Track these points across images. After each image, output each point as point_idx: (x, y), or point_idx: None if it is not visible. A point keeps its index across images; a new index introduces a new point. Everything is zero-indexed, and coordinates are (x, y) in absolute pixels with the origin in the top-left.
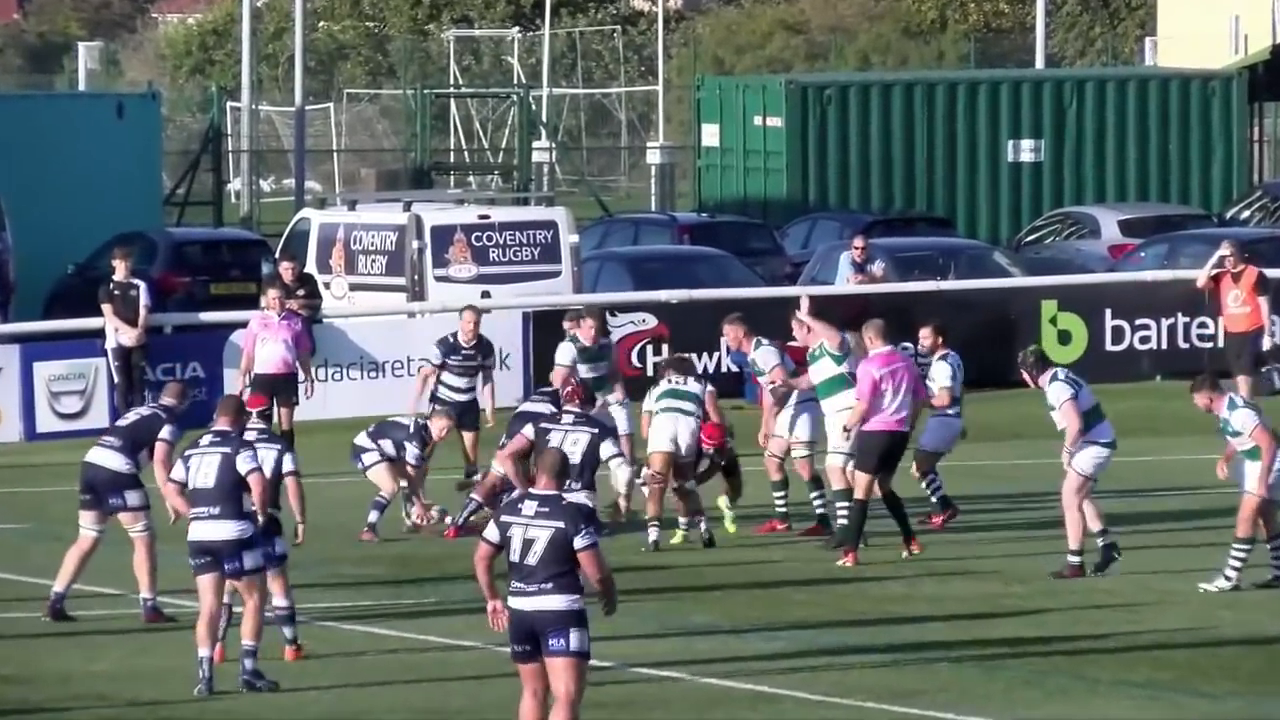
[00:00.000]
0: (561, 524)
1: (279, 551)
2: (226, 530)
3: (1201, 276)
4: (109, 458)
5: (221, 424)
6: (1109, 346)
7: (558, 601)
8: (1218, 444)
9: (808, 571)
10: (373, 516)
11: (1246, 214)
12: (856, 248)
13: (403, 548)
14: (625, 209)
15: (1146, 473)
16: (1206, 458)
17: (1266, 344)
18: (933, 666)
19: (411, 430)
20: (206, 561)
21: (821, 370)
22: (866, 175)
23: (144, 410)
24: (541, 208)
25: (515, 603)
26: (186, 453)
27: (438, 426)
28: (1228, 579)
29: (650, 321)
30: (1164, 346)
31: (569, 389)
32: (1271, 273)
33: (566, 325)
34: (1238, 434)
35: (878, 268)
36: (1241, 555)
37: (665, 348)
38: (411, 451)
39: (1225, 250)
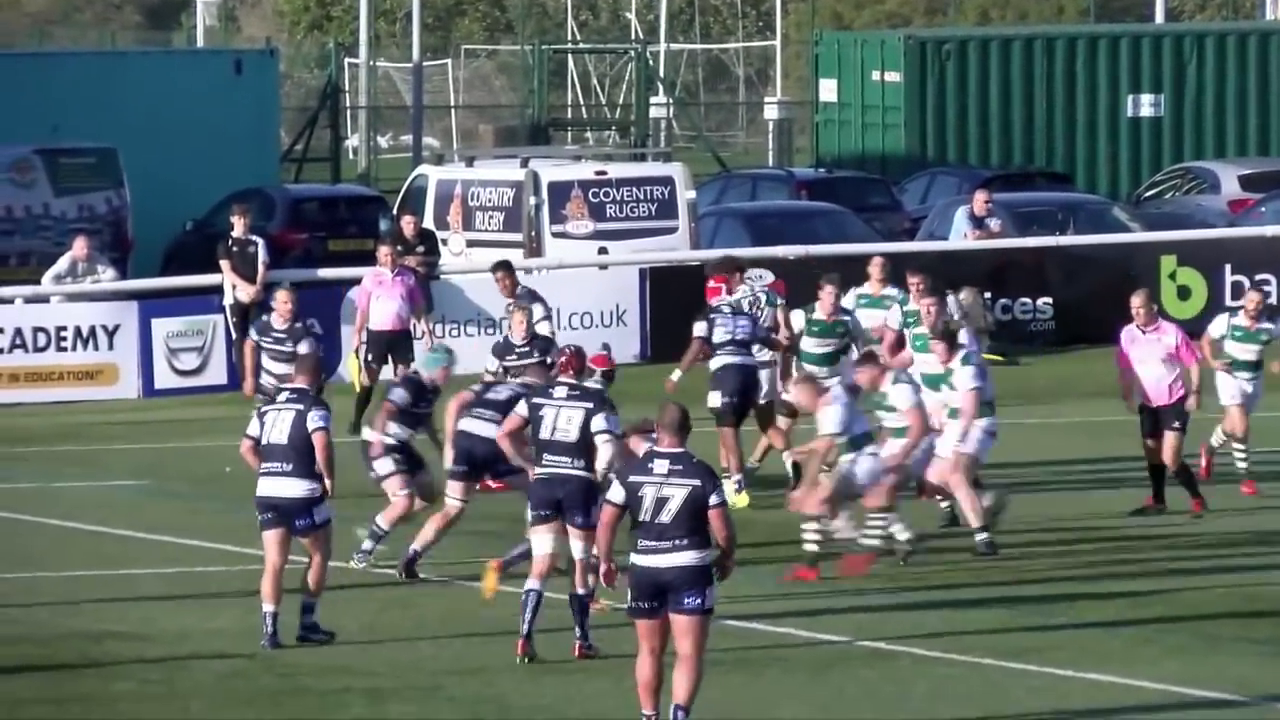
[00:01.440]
0: (698, 481)
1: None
2: (296, 488)
3: None
4: (491, 430)
5: (299, 381)
6: (1229, 302)
7: (691, 558)
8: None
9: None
10: None
11: None
12: (980, 201)
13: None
14: (742, 165)
15: (1270, 429)
16: None
17: None
18: (1052, 624)
19: None
20: (272, 517)
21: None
22: (985, 130)
23: (513, 385)
24: (658, 163)
25: (646, 560)
26: (261, 409)
27: None
28: None
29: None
30: None
31: (563, 358)
32: None
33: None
34: None
35: (995, 223)
36: None
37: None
38: None
39: None
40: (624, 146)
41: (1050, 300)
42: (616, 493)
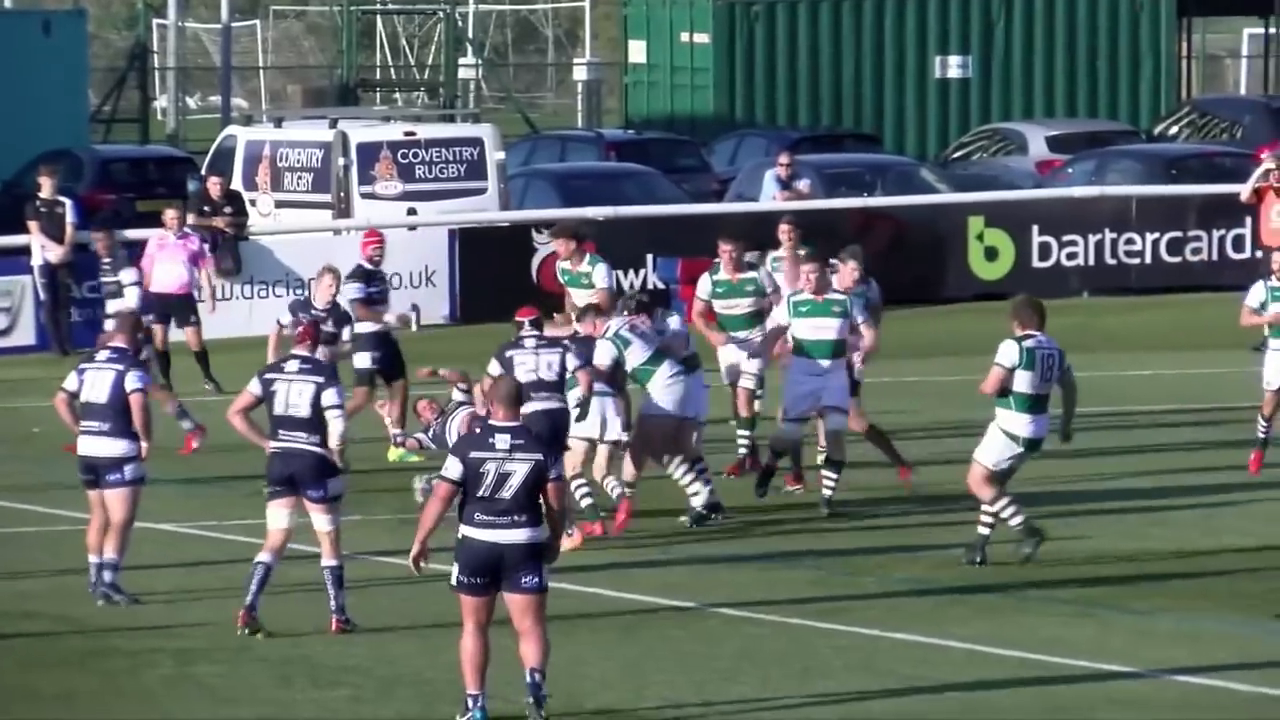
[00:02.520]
0: (540, 456)
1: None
2: (112, 447)
3: (1245, 190)
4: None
5: (118, 340)
6: (1036, 263)
7: (531, 535)
8: (1145, 360)
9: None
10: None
11: (1175, 130)
12: (782, 164)
13: None
14: (552, 126)
15: None
16: (1134, 374)
17: None
18: (860, 583)
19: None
20: (90, 479)
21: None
22: (794, 92)
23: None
24: (468, 125)
25: (484, 535)
26: (81, 365)
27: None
28: None
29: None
30: (1091, 263)
31: (299, 329)
32: (1200, 189)
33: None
34: None
35: (804, 184)
36: None
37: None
38: None
39: (1270, 164)
40: (433, 107)
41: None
42: (453, 468)
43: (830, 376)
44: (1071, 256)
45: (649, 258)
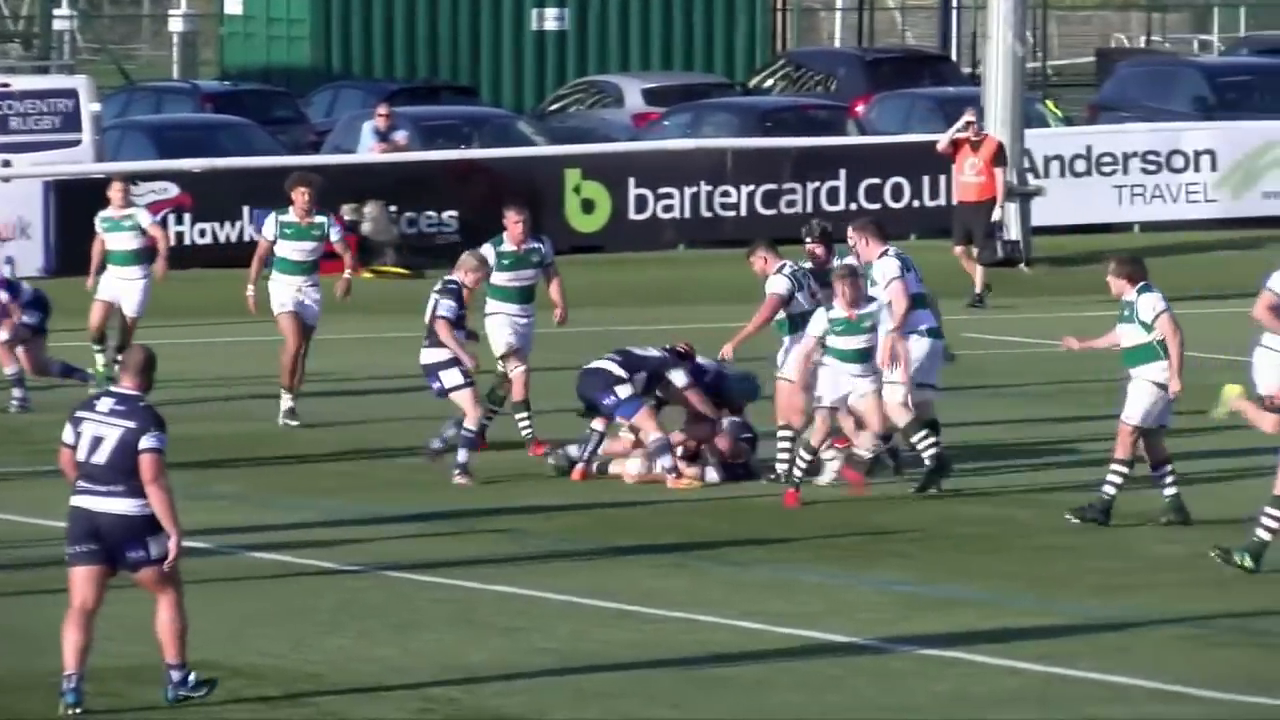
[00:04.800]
0: (134, 423)
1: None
2: None
3: (943, 140)
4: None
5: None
6: (632, 215)
7: (130, 506)
8: (740, 311)
9: None
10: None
11: (770, 83)
12: (380, 115)
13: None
14: (147, 78)
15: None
16: (730, 325)
17: (997, 215)
18: (461, 540)
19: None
20: None
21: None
22: (390, 43)
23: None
24: (62, 76)
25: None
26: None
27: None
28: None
29: (173, 190)
30: (687, 215)
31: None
32: (794, 142)
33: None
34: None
35: (401, 136)
36: None
37: (188, 217)
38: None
39: (969, 117)
40: (27, 59)
41: (455, 213)
42: (68, 432)
43: None
44: (668, 209)
45: (245, 210)
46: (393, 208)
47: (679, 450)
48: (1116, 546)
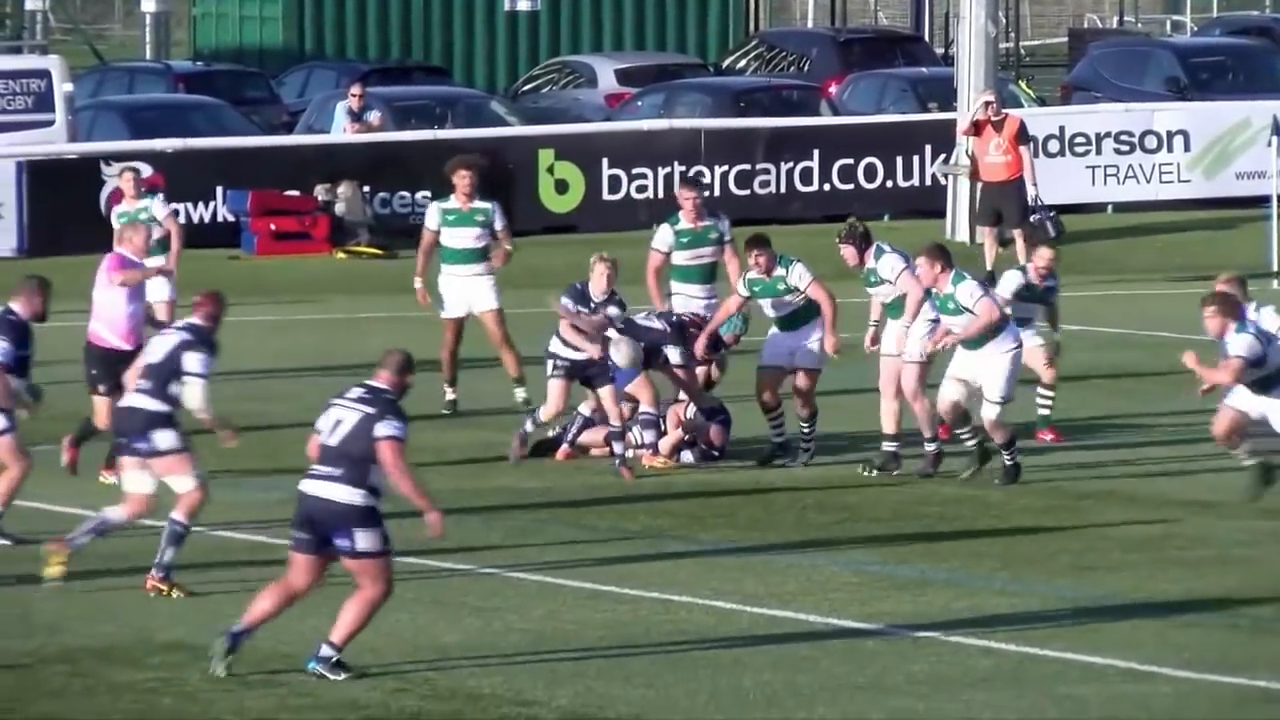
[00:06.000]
0: (373, 410)
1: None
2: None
3: (964, 122)
4: None
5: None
6: (606, 196)
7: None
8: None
9: None
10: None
11: (743, 63)
12: (354, 95)
13: None
14: (120, 58)
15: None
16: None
17: (1032, 192)
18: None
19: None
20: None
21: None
22: (363, 23)
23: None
24: (34, 56)
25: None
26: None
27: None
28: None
29: (146, 171)
30: (660, 195)
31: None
32: (767, 122)
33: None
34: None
35: (374, 117)
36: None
37: (160, 197)
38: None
39: (987, 97)
40: (0, 39)
41: (429, 193)
42: (319, 419)
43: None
44: (641, 189)
45: (219, 190)
46: (366, 188)
47: (664, 430)
48: (1087, 527)
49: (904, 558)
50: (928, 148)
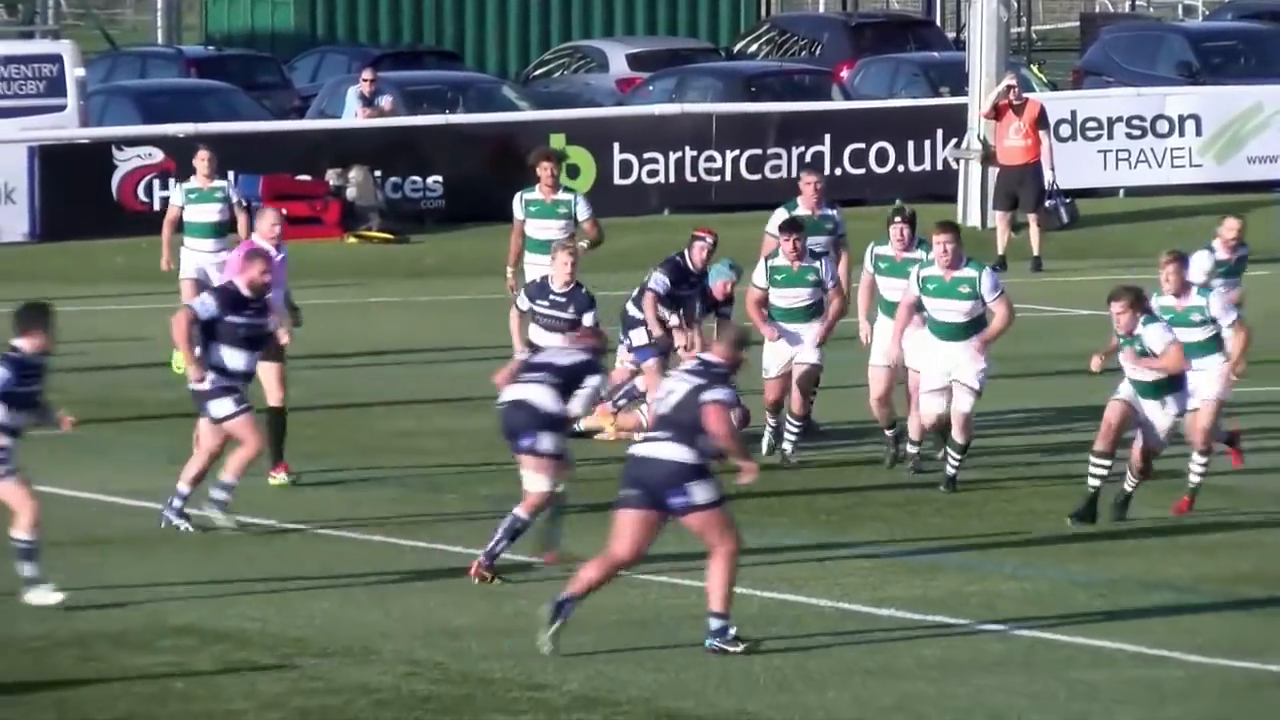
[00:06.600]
0: (703, 381)
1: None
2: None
3: (985, 105)
4: None
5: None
6: (617, 180)
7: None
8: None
9: None
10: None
11: (754, 48)
12: (365, 80)
13: None
14: (132, 43)
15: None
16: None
17: (1049, 177)
18: (442, 500)
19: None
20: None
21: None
22: (375, 8)
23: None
24: (46, 41)
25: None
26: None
27: None
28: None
29: (157, 155)
30: (672, 180)
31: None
32: (779, 107)
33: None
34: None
35: (386, 101)
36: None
37: (173, 181)
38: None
39: (1010, 81)
40: (12, 24)
41: (440, 178)
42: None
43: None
44: (652, 174)
45: (230, 174)
46: (377, 173)
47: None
48: (1099, 511)
49: (915, 542)
50: (939, 132)
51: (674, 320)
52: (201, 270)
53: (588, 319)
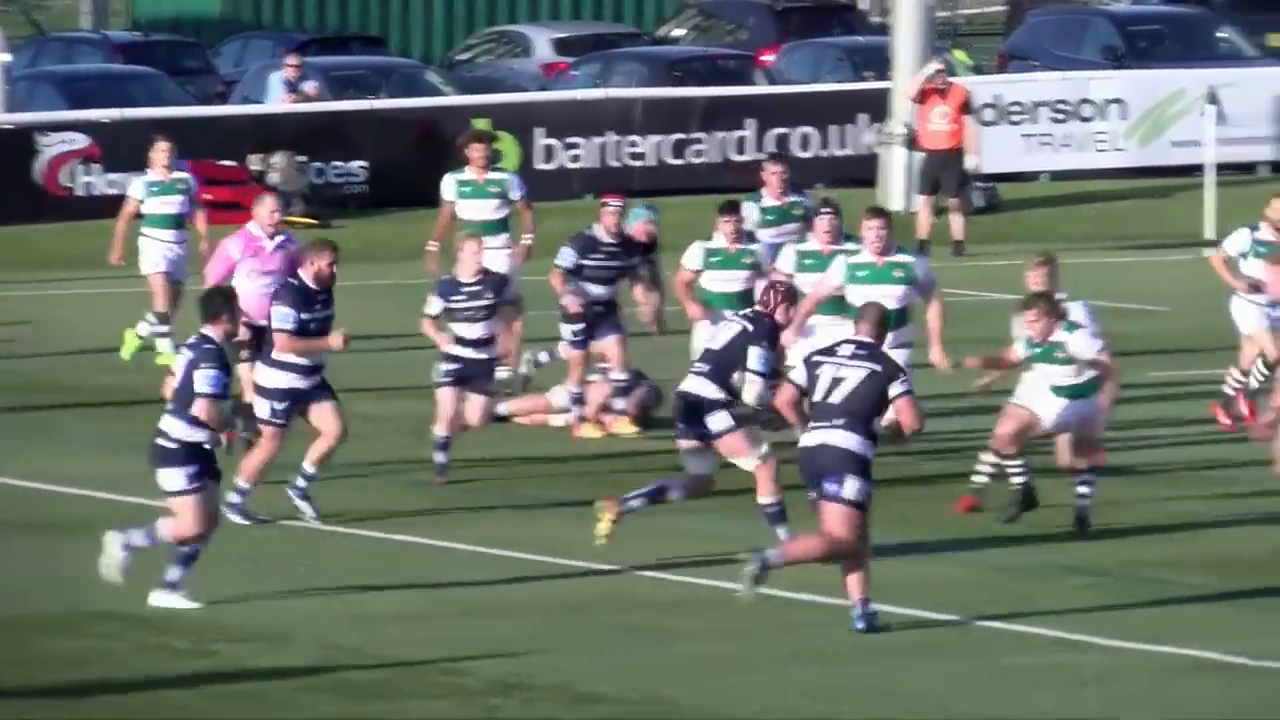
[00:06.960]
0: (880, 369)
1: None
2: None
3: (911, 89)
4: None
5: None
6: (540, 165)
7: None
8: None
9: None
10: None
11: (679, 33)
12: (290, 66)
13: None
14: (58, 28)
15: None
16: None
17: (970, 163)
18: (364, 491)
19: None
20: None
21: None
22: None
23: None
24: None
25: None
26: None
27: None
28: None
29: (82, 141)
30: (595, 165)
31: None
32: (703, 91)
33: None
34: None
35: (311, 87)
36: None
37: (97, 168)
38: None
39: (937, 65)
40: None
41: (364, 163)
42: (799, 374)
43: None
44: (575, 159)
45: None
46: (301, 158)
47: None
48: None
49: None
50: (862, 117)
51: (570, 302)
52: (171, 263)
53: (507, 293)
